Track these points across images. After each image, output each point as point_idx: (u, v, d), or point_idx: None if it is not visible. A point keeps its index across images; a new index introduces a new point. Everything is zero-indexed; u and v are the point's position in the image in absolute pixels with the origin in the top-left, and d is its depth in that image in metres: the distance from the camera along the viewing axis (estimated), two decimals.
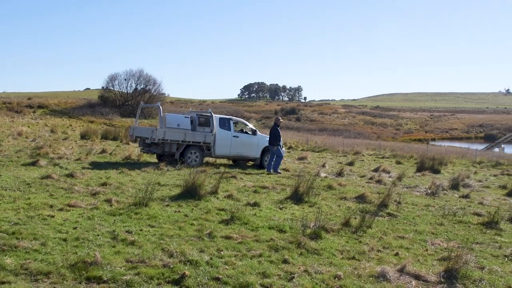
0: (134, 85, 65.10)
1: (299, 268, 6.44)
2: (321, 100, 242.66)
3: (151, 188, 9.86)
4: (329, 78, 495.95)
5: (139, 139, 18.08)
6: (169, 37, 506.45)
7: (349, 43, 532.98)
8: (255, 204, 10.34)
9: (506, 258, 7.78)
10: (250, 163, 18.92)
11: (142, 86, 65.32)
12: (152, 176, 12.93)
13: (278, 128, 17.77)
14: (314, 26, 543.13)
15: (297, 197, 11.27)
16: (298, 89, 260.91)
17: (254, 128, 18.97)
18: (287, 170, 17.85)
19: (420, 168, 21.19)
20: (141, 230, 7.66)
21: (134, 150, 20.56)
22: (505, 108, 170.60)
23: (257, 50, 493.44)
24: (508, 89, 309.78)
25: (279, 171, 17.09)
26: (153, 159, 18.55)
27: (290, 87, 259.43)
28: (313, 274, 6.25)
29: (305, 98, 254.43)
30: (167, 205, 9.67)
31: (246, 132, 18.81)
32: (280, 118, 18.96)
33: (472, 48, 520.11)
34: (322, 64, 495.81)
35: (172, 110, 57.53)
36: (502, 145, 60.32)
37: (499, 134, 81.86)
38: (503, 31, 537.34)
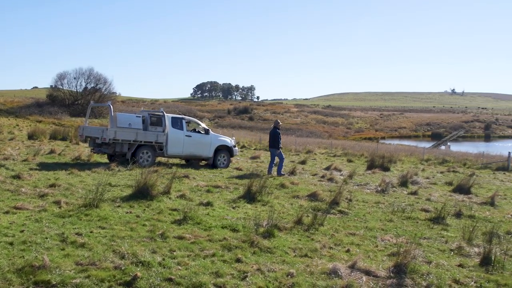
0: (84, 84, 63.74)
1: (252, 267, 6.46)
2: (274, 100, 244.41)
3: (101, 189, 9.68)
4: (281, 78, 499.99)
5: (89, 139, 17.71)
6: (121, 36, 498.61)
7: (301, 43, 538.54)
8: (208, 204, 10.31)
9: (452, 252, 8.04)
10: (203, 162, 18.83)
11: (92, 85, 64.00)
12: (102, 177, 12.69)
13: (278, 131, 17.74)
14: (267, 26, 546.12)
15: (250, 196, 11.30)
16: (251, 89, 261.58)
17: (207, 128, 18.89)
18: (240, 169, 17.87)
19: (371, 166, 21.61)
20: (91, 232, 7.50)
21: (84, 150, 20.11)
22: (451, 107, 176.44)
23: (210, 49, 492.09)
24: (454, 89, 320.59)
25: (282, 173, 17.05)
26: (104, 159, 18.21)
27: (243, 87, 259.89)
28: (266, 273, 6.28)
29: (258, 98, 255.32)
30: (118, 206, 9.51)
31: (198, 132, 18.72)
32: (279, 121, 18.83)
33: (419, 49, 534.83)
34: (274, 64, 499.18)
35: (123, 110, 56.67)
36: (448, 143, 62.44)
37: (445, 132, 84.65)
38: (449, 32, 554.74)
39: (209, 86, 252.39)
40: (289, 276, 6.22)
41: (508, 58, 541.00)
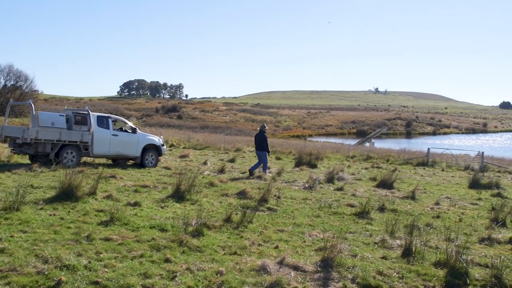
0: (2, 81, 60.69)
1: (181, 266, 6.42)
2: (203, 98, 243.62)
3: (22, 191, 9.29)
4: (210, 76, 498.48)
5: (9, 139, 16.93)
6: (44, 33, 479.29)
7: (230, 41, 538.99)
8: (136, 204, 10.13)
9: (376, 245, 8.34)
10: (131, 162, 18.46)
11: (12, 83, 61.03)
12: (24, 178, 12.14)
13: (265, 134, 18.13)
14: (196, 24, 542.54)
15: (178, 195, 11.21)
16: (179, 87, 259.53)
17: (134, 126, 18.53)
18: (169, 168, 17.68)
19: (298, 163, 21.99)
20: (11, 236, 7.17)
21: (3, 151, 19.17)
22: (375, 105, 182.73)
23: (137, 47, 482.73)
24: (377, 88, 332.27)
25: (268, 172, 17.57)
26: (26, 160, 17.44)
27: (171, 85, 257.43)
28: (195, 272, 6.26)
29: (186, 96, 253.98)
30: (41, 209, 9.15)
31: (125, 131, 18.34)
32: (265, 125, 19.36)
33: (345, 50, 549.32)
34: (203, 62, 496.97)
35: (46, 108, 54.52)
36: (372, 140, 64.52)
37: (369, 130, 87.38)
38: (372, 34, 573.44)
39: (136, 84, 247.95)
40: (219, 274, 6.22)
41: (427, 59, 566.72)
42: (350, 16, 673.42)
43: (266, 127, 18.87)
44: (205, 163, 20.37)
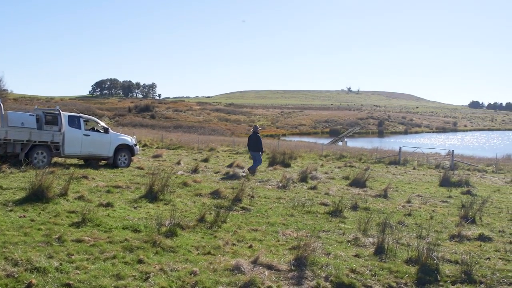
0: None
1: (155, 267, 6.37)
2: (176, 97, 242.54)
3: None
4: (183, 76, 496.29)
5: None
6: (13, 31, 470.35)
7: (203, 40, 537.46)
8: (108, 205, 10.01)
9: (349, 243, 8.42)
10: (103, 162, 18.25)
11: None
12: None
13: (259, 135, 18.64)
14: (165, 22, 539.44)
15: (152, 196, 11.12)
16: (153, 86, 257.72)
17: (106, 126, 18.33)
18: (142, 168, 17.53)
19: (272, 162, 22.05)
20: None
21: None
22: (348, 105, 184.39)
23: (109, 46, 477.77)
24: (350, 88, 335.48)
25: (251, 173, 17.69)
26: None
27: (144, 84, 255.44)
28: (169, 272, 6.22)
29: (159, 95, 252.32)
30: (11, 210, 8.97)
31: (97, 131, 18.12)
32: (258, 126, 19.89)
33: (318, 49, 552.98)
34: (176, 61, 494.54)
35: (15, 108, 53.49)
36: (345, 139, 65.06)
37: (342, 129, 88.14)
38: (344, 33, 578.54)
39: (108, 83, 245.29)
40: (192, 275, 6.20)
41: (399, 59, 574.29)
42: (322, 16, 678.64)
43: (259, 128, 19.37)
44: (178, 163, 20.27)
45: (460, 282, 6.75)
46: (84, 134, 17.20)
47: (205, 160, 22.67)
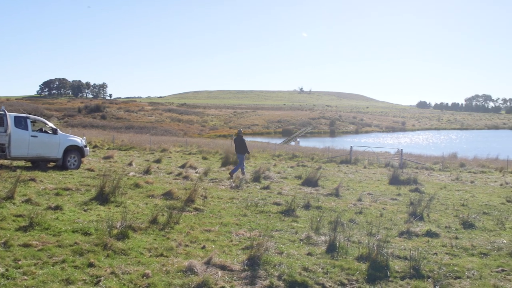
0: None
1: (106, 270, 6.26)
2: (128, 98, 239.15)
3: None
4: (135, 75, 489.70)
5: None
6: None
7: (154, 39, 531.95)
8: (57, 208, 9.76)
9: (301, 242, 8.51)
10: (52, 164, 17.78)
11: None
12: None
13: (243, 138, 18.96)
14: (116, 20, 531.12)
15: (102, 198, 10.91)
16: (103, 86, 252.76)
17: (55, 127, 17.85)
18: (92, 170, 17.18)
19: (225, 162, 22.03)
20: None
21: None
22: (300, 105, 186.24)
23: (58, 44, 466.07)
24: (302, 88, 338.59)
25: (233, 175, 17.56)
26: None
27: (94, 84, 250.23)
28: (120, 275, 6.13)
29: (110, 96, 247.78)
30: None
31: (45, 132, 17.63)
32: (241, 129, 20.43)
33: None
34: (127, 61, 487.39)
35: None
36: (298, 139, 65.76)
37: (295, 129, 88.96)
38: (296, 34, 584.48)
39: (57, 83, 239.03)
40: (145, 277, 6.13)
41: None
42: (274, 15, 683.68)
43: (242, 131, 20.02)
44: (130, 164, 19.96)
45: (409, 277, 6.94)
46: (31, 135, 16.70)
47: (158, 161, 22.42)
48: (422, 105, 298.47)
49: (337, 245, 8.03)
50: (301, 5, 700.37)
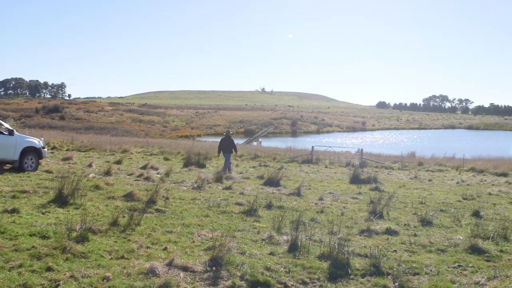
0: None
1: (65, 274, 6.14)
2: (87, 98, 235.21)
3: None
4: (94, 75, 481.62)
5: None
6: None
7: (114, 38, 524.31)
8: (14, 211, 9.50)
9: (264, 242, 8.54)
10: (8, 166, 17.31)
11: None
12: None
13: (231, 138, 20.71)
14: (74, 19, 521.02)
15: (61, 200, 10.69)
16: (62, 86, 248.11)
17: (11, 128, 17.38)
18: (51, 172, 16.80)
19: (187, 163, 21.90)
20: None
21: None
22: (262, 105, 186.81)
23: (14, 43, 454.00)
24: (264, 88, 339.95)
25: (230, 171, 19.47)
26: None
27: (52, 84, 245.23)
28: (80, 279, 6.02)
29: (69, 96, 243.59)
30: None
31: (1, 133, 17.16)
32: (230, 130, 22.13)
33: (230, 49, 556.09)
34: (87, 60, 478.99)
35: None
36: (260, 139, 65.95)
37: (256, 129, 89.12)
38: (257, 35, 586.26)
39: (14, 83, 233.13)
40: (105, 280, 6.04)
41: (311, 60, 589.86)
42: (234, 15, 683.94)
43: (231, 132, 21.73)
44: (90, 166, 19.61)
45: (369, 274, 7.06)
46: None
47: (118, 162, 22.11)
48: (382, 105, 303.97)
49: (299, 244, 8.09)
50: (263, 6, 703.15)
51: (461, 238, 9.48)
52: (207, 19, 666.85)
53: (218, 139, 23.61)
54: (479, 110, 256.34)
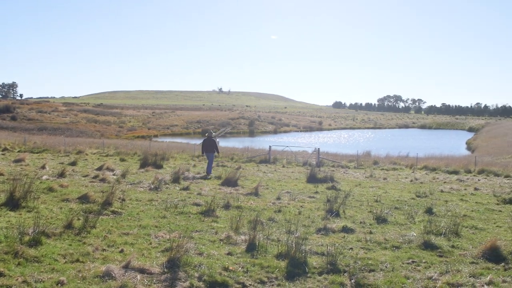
0: None
1: (17, 279, 5.98)
2: (40, 98, 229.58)
3: None
4: (48, 75, 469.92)
5: None
6: None
7: (68, 37, 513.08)
8: None
9: (222, 242, 8.54)
10: None
11: None
12: None
13: (213, 138, 21.58)
14: (27, 17, 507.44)
15: (13, 203, 10.38)
16: (13, 86, 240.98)
17: None
18: (2, 174, 16.29)
19: (144, 164, 21.63)
20: None
21: None
22: (219, 105, 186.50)
23: None
24: (221, 88, 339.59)
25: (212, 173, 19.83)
26: None
27: (3, 83, 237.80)
28: (33, 284, 5.88)
29: (21, 96, 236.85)
30: None
31: None
32: (212, 131, 23.23)
33: (187, 49, 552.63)
34: (39, 59, 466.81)
35: None
36: (217, 139, 65.62)
37: (214, 129, 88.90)
38: (215, 35, 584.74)
39: None
40: (60, 285, 5.92)
41: (268, 61, 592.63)
42: (190, 14, 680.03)
43: (213, 133, 22.42)
44: (43, 167, 19.13)
45: (326, 272, 7.15)
46: None
47: (73, 164, 21.64)
48: (338, 105, 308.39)
49: (257, 244, 8.12)
50: (220, 7, 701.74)
51: (415, 234, 9.71)
52: (162, 19, 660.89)
53: (176, 140, 23.57)
54: (432, 110, 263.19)
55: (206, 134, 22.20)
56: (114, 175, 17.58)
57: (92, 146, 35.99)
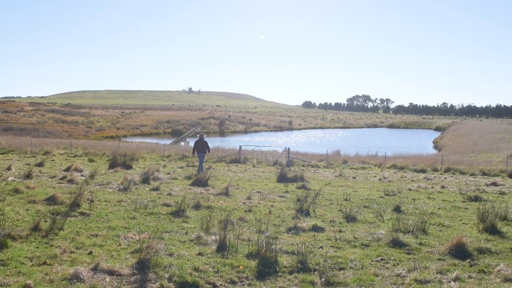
0: None
1: None
2: (5, 97, 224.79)
3: None
4: (13, 74, 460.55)
5: None
6: None
7: (35, 35, 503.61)
8: None
9: (192, 242, 8.51)
10: None
11: None
12: None
13: (205, 140, 22.41)
14: None
15: None
16: None
17: None
18: None
19: (113, 164, 21.38)
20: None
21: None
22: (189, 105, 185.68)
23: None
24: (191, 88, 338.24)
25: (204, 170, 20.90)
26: None
27: None
28: None
29: None
30: None
31: None
32: (203, 133, 24.35)
33: (156, 49, 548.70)
34: (4, 58, 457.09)
35: None
36: (187, 139, 65.50)
37: (184, 129, 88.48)
38: (186, 35, 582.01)
39: None
40: None
41: (238, 61, 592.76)
42: (160, 13, 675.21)
43: (205, 135, 23.26)
44: (9, 169, 18.74)
45: (297, 271, 7.20)
46: None
47: (40, 165, 21.26)
48: (308, 105, 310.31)
49: (227, 244, 8.12)
50: (192, 7, 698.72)
51: (384, 232, 9.84)
52: (130, 20, 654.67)
53: (146, 140, 23.55)
54: (399, 109, 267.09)
55: (198, 136, 23.14)
56: (82, 176, 17.34)
57: (59, 146, 35.42)
